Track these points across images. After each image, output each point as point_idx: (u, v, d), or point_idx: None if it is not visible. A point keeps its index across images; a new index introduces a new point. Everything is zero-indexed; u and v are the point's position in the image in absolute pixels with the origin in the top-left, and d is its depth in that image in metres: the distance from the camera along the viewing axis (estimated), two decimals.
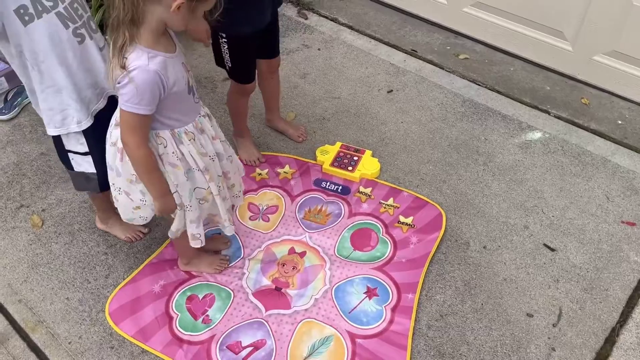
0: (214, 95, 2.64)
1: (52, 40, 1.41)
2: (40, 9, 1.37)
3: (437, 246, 1.98)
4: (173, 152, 1.45)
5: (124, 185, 1.52)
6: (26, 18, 1.35)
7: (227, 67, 2.00)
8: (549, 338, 1.77)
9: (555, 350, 1.73)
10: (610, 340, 1.75)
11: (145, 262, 1.93)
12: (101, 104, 1.61)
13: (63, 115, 1.54)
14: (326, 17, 3.14)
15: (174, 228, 1.64)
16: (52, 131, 1.57)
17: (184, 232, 1.67)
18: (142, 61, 1.26)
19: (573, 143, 2.39)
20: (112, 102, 1.59)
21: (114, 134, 1.46)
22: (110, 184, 1.56)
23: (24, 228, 2.07)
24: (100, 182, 1.69)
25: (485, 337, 1.77)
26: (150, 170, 1.43)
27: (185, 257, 1.88)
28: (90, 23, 1.51)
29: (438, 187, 2.21)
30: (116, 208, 1.64)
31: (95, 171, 1.67)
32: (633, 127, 2.46)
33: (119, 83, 1.28)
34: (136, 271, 1.90)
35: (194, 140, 1.48)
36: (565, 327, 1.79)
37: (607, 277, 1.92)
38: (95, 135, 1.59)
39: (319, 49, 2.92)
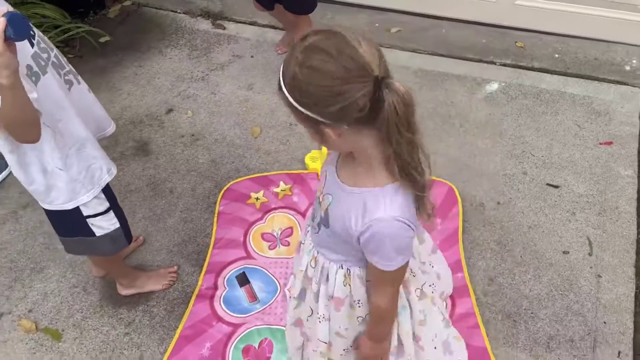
0: (164, 132, 2.42)
1: (59, 93, 1.24)
2: (43, 63, 1.19)
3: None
4: None
5: (331, 335, 1.34)
6: (33, 78, 1.16)
7: None
8: (591, 267, 1.86)
9: (601, 277, 1.83)
10: None
11: (180, 328, 1.73)
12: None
13: (92, 173, 1.36)
14: (244, 23, 3.00)
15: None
16: (84, 198, 1.36)
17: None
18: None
19: (528, 85, 2.52)
20: None
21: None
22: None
23: (17, 338, 1.76)
24: (126, 233, 1.52)
25: (538, 285, 1.82)
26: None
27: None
28: (71, 67, 1.35)
29: (431, 160, 2.21)
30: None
31: (119, 225, 1.48)
32: (570, 57, 2.65)
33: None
34: (173, 341, 1.70)
35: None
36: (600, 252, 1.90)
37: (612, 196, 2.06)
38: (108, 186, 1.44)
39: (252, 56, 2.79)
